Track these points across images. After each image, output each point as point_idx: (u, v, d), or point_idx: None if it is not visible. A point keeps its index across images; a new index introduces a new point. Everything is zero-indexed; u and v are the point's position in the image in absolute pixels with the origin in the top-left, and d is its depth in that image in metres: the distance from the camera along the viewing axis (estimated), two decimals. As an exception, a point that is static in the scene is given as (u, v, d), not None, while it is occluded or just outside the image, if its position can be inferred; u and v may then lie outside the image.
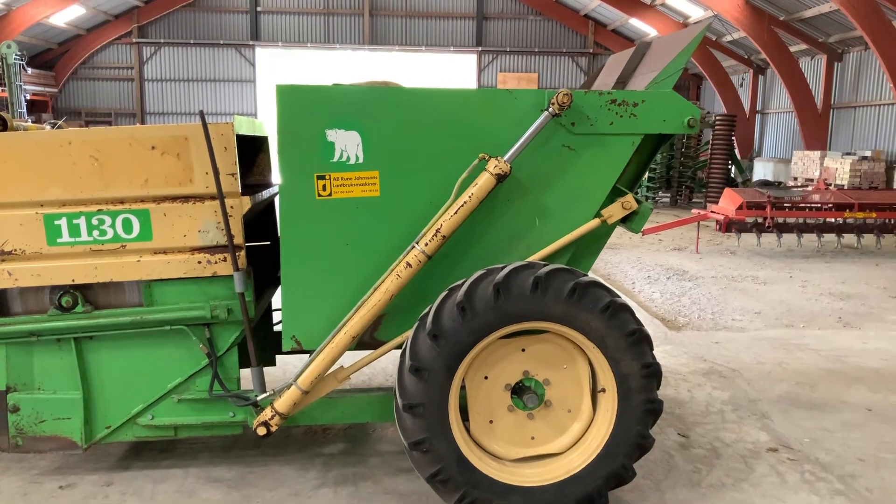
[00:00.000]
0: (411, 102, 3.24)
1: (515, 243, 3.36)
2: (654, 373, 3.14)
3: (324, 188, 3.19)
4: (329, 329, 3.24)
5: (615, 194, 3.46)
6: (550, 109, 3.16)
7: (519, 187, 3.28)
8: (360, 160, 3.19)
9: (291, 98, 3.15)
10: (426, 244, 3.12)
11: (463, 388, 3.20)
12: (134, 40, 30.17)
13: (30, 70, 24.71)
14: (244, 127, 3.54)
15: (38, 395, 3.39)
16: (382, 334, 3.35)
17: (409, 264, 3.14)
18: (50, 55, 29.43)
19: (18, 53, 20.64)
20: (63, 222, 3.22)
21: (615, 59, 4.33)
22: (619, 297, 3.13)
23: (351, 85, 3.36)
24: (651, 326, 6.72)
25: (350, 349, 3.24)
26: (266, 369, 3.97)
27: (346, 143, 3.17)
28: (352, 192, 3.21)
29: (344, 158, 3.18)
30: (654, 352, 3.19)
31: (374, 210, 3.24)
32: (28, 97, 24.30)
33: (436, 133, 3.24)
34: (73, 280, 3.27)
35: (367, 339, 3.32)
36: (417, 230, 3.20)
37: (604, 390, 3.21)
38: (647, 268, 10.13)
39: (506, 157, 3.14)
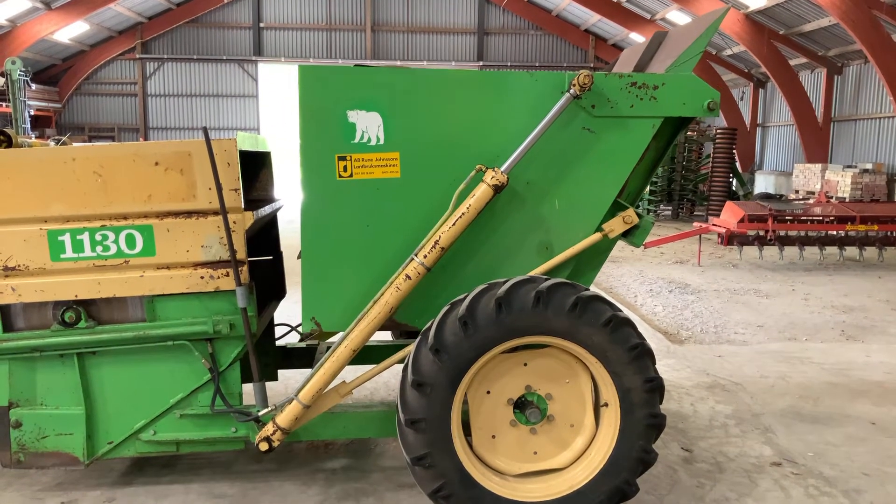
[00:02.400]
0: (432, 84, 3.24)
1: (537, 225, 3.34)
2: (656, 387, 3.13)
3: (345, 169, 3.19)
4: (349, 312, 3.25)
5: (616, 208, 3.47)
6: (571, 91, 3.15)
7: (540, 170, 3.27)
8: (382, 141, 3.19)
9: (313, 79, 3.16)
10: (425, 256, 3.13)
11: (465, 402, 3.20)
12: (137, 56, 30.38)
13: (34, 86, 24.90)
14: (247, 143, 3.56)
15: (40, 411, 3.39)
16: (402, 316, 3.33)
17: (408, 276, 3.14)
18: (54, 71, 29.64)
19: (23, 69, 20.79)
20: (67, 238, 3.23)
21: (630, 51, 4.32)
22: (620, 311, 3.13)
23: (373, 66, 3.36)
24: (653, 340, 6.70)
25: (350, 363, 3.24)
26: (268, 384, 3.97)
27: (368, 124, 3.17)
28: (372, 174, 3.21)
29: (365, 140, 3.18)
30: (657, 366, 3.18)
31: (395, 191, 3.23)
32: (32, 113, 24.46)
33: (457, 114, 3.24)
34: (76, 295, 3.28)
35: (387, 323, 3.29)
36: (438, 212, 3.20)
37: (606, 405, 3.20)
38: (650, 281, 10.12)
39: (503, 168, 3.14)
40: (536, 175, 3.29)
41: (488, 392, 3.24)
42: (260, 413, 3.36)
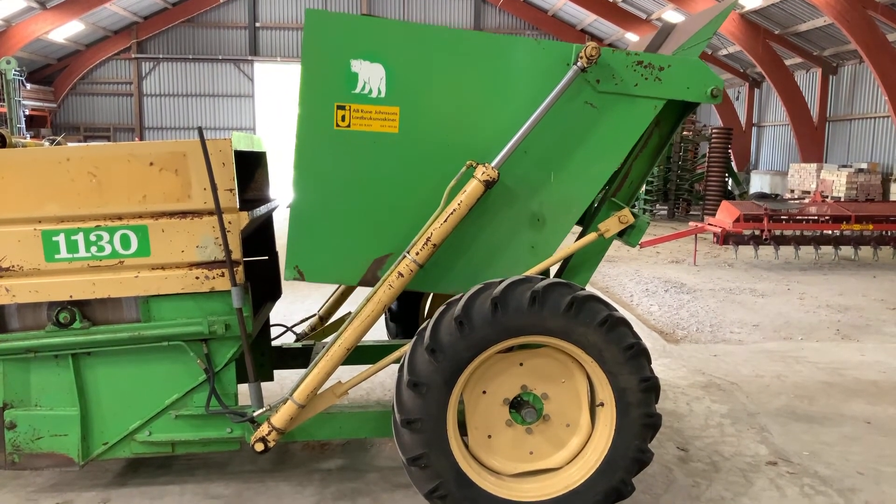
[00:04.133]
0: (439, 41, 3.19)
1: (530, 195, 3.30)
2: (652, 387, 3.13)
3: (343, 119, 3.15)
4: (333, 264, 3.24)
5: (612, 208, 3.47)
6: (579, 64, 3.12)
7: (537, 140, 3.23)
8: (383, 95, 3.15)
9: (319, 24, 3.11)
10: (417, 253, 3.12)
11: (461, 402, 3.20)
12: (133, 56, 30.33)
13: (29, 86, 24.80)
14: (242, 143, 3.55)
15: (35, 412, 3.38)
16: (385, 272, 3.27)
17: (400, 274, 3.13)
18: (49, 70, 29.56)
19: (18, 69, 20.73)
20: (61, 238, 3.22)
21: (636, 44, 4.32)
22: (616, 310, 3.13)
23: (381, 18, 3.31)
24: (649, 339, 6.71)
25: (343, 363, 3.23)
26: (264, 384, 3.96)
27: (370, 75, 3.13)
28: (370, 126, 3.17)
29: (366, 91, 3.14)
30: (653, 365, 3.19)
31: (391, 147, 3.19)
32: (27, 113, 24.38)
33: (461, 75, 3.21)
34: (70, 296, 3.27)
35: (370, 277, 3.27)
36: (432, 172, 3.19)
37: (602, 404, 3.20)
38: (645, 280, 10.14)
39: (493, 164, 3.12)
40: (534, 144, 3.24)
41: (484, 392, 3.24)
42: (255, 413, 3.35)
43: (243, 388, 3.62)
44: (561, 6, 28.81)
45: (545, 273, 3.57)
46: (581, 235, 3.66)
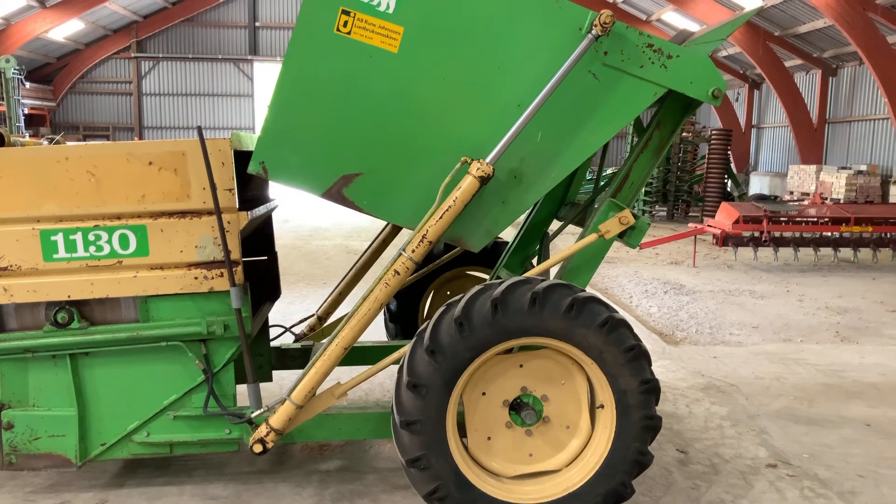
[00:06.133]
0: None
1: (513, 149, 3.20)
2: (652, 389, 3.12)
3: (344, 24, 3.09)
4: (301, 168, 3.20)
5: (612, 209, 3.46)
6: (594, 32, 3.07)
7: (532, 96, 3.15)
8: (391, 10, 3.09)
9: None
10: (413, 251, 3.10)
11: (460, 404, 3.19)
12: (132, 55, 30.33)
13: (28, 84, 24.79)
14: (242, 142, 3.54)
15: (32, 412, 3.36)
16: (351, 193, 3.25)
17: (396, 272, 3.11)
18: (48, 69, 29.55)
19: (17, 68, 20.72)
20: (59, 238, 3.21)
21: None
22: (616, 312, 3.12)
23: None
24: (649, 341, 6.70)
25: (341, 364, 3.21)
26: (263, 385, 3.95)
27: None
28: (370, 39, 3.11)
29: (375, 3, 3.08)
30: (653, 367, 3.18)
31: (386, 65, 3.13)
32: (26, 111, 24.36)
33: (474, 10, 3.15)
34: (69, 296, 3.26)
35: (333, 192, 3.22)
36: (422, 101, 3.16)
37: (602, 406, 3.19)
38: (645, 282, 10.13)
39: (488, 159, 3.10)
40: (528, 99, 3.17)
41: (484, 393, 3.23)
42: (253, 415, 3.34)
43: (242, 389, 3.61)
44: (561, 7, 28.78)
45: (545, 274, 3.56)
46: (581, 236, 3.65)
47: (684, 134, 19.30)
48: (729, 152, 18.77)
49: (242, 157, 3.37)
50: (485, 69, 3.19)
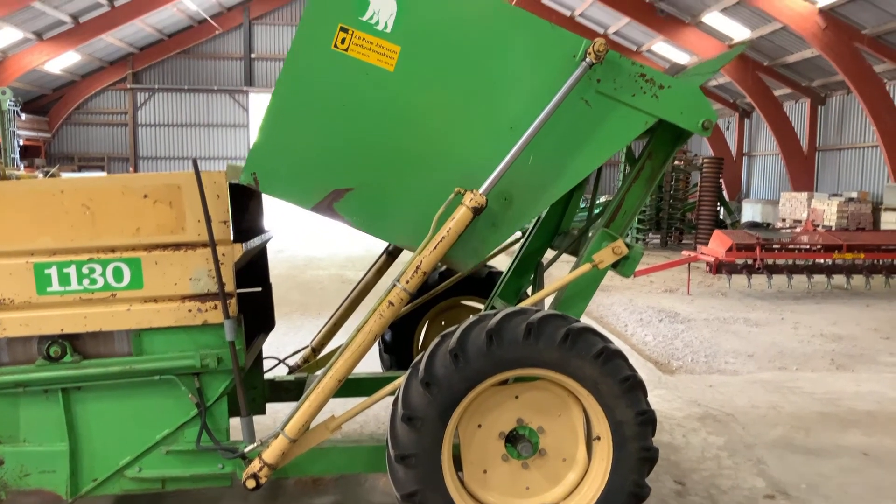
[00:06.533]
0: None
1: (506, 171, 3.21)
2: (648, 420, 3.11)
3: (342, 41, 3.13)
4: (291, 180, 3.22)
5: (606, 239, 3.47)
6: (588, 60, 3.13)
7: (527, 119, 3.19)
8: (388, 30, 3.15)
9: None
10: (407, 282, 3.11)
11: (456, 436, 3.16)
12: (128, 86, 30.53)
13: (24, 116, 24.90)
14: (237, 174, 3.55)
15: (23, 448, 3.32)
16: (342, 208, 3.26)
17: (391, 303, 3.11)
18: (44, 101, 29.69)
19: (13, 100, 20.83)
20: (53, 271, 3.20)
21: None
22: (611, 342, 3.12)
23: None
24: (644, 370, 6.69)
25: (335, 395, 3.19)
26: (256, 418, 3.91)
27: (382, 7, 3.14)
28: (367, 57, 3.16)
29: (373, 21, 3.14)
30: (649, 397, 3.17)
31: (381, 83, 3.18)
32: (21, 143, 24.43)
33: (469, 35, 3.20)
34: (62, 329, 3.24)
35: (323, 206, 3.24)
36: (415, 119, 3.19)
37: (599, 438, 3.17)
38: (639, 310, 10.13)
39: (482, 189, 3.12)
40: (521, 122, 3.21)
41: (479, 426, 3.21)
42: (246, 449, 3.30)
43: (235, 423, 3.57)
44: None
45: (540, 304, 3.56)
46: (575, 266, 3.66)
47: (676, 162, 19.46)
48: (721, 180, 18.93)
49: (237, 188, 3.38)
50: (479, 91, 3.24)
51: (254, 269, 4.25)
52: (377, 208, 3.27)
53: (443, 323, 5.04)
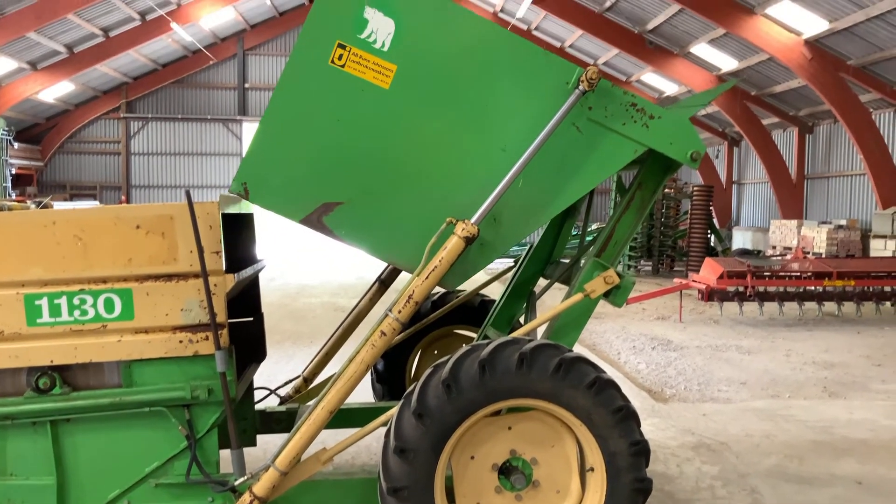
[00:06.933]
0: (458, 18, 3.25)
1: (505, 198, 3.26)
2: (642, 450, 3.10)
3: (340, 58, 3.17)
4: (282, 192, 3.24)
5: (597, 269, 3.48)
6: (581, 87, 3.18)
7: (519, 142, 3.24)
8: (385, 49, 3.19)
9: None
10: (399, 311, 3.11)
11: (449, 468, 3.14)
12: (122, 115, 30.60)
13: (16, 145, 24.89)
14: (229, 205, 3.57)
15: (9, 482, 3.27)
16: (331, 221, 3.28)
17: (383, 333, 3.11)
18: (37, 130, 29.70)
19: (6, 129, 20.85)
20: (44, 302, 3.18)
21: None
22: (604, 372, 3.12)
23: None
24: (637, 398, 6.67)
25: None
26: (247, 450, 3.87)
27: (380, 26, 3.17)
28: (363, 74, 3.19)
29: (371, 40, 3.18)
30: (642, 426, 3.16)
31: (376, 100, 3.21)
32: (13, 172, 24.40)
33: (465, 58, 3.25)
34: (51, 361, 3.21)
35: (313, 219, 3.26)
36: (409, 137, 3.23)
37: (592, 469, 3.16)
38: (632, 337, 10.13)
39: (473, 219, 3.15)
40: (512, 145, 3.26)
41: (472, 457, 3.19)
42: (237, 482, 3.26)
43: (225, 454, 3.54)
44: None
45: (532, 333, 3.56)
46: (567, 296, 3.67)
47: (667, 190, 19.63)
48: (711, 208, 19.06)
49: (229, 219, 3.39)
50: (473, 112, 3.29)
51: (245, 298, 4.24)
52: (366, 222, 3.30)
53: (435, 352, 5.02)
